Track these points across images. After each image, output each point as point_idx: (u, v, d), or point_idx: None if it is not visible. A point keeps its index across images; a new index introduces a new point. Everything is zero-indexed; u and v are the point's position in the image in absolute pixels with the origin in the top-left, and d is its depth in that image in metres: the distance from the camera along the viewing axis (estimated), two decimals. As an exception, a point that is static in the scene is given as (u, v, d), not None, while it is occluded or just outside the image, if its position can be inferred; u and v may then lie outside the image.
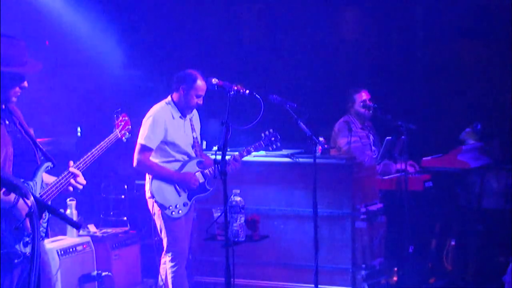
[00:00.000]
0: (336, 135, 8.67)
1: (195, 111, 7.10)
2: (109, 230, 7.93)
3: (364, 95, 8.65)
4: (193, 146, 7.08)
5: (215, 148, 7.28)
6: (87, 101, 9.07)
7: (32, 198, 3.18)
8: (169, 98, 6.98)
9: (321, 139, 7.13)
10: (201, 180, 6.97)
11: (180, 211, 6.87)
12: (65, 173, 4.75)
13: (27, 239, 4.55)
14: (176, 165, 6.93)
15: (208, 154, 7.29)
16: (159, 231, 6.99)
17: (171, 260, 6.92)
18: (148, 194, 6.92)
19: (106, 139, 5.17)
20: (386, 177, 8.31)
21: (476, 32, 9.43)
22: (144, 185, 7.05)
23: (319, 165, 6.72)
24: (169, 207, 6.82)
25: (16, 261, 4.53)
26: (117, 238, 7.80)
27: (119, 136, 5.29)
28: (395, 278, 8.07)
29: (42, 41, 9.94)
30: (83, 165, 4.84)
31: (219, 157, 5.66)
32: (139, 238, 8.17)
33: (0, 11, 8.45)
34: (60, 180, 4.74)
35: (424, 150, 8.63)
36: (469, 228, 8.22)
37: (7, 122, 4.63)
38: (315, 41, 10.08)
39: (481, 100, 9.40)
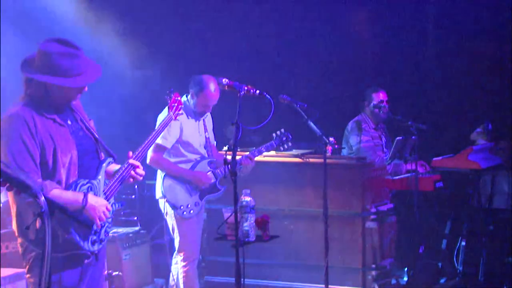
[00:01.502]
0: (348, 134, 8.67)
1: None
2: (120, 230, 7.95)
3: (381, 95, 8.65)
4: (205, 146, 7.09)
5: (225, 148, 7.29)
6: (96, 103, 9.09)
7: (43, 198, 3.19)
8: (184, 97, 6.98)
9: (331, 139, 7.12)
10: (213, 180, 6.98)
11: (191, 211, 6.88)
12: (125, 165, 4.86)
13: (94, 237, 4.67)
14: (188, 165, 6.94)
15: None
16: (171, 231, 7.00)
17: (183, 260, 6.93)
18: (159, 194, 6.93)
19: (162, 122, 5.31)
20: (397, 177, 8.30)
21: (487, 33, 9.41)
22: (154, 185, 7.06)
23: (329, 165, 6.72)
24: (180, 207, 6.83)
25: (86, 261, 4.67)
26: (128, 238, 7.82)
27: (173, 118, 5.47)
28: (405, 279, 8.06)
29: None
30: (141, 154, 4.95)
31: (229, 157, 5.66)
32: (149, 238, 8.18)
33: (0, 11, 8.50)
34: (121, 173, 4.85)
35: (435, 150, 8.60)
36: (479, 228, 8.20)
37: (69, 122, 4.70)
38: (326, 41, 10.08)
39: (492, 100, 9.38)
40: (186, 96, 6.98)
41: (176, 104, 5.60)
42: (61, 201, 4.32)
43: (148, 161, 6.82)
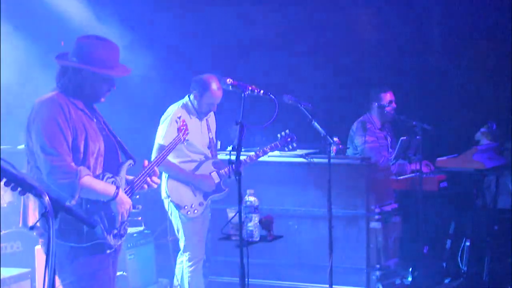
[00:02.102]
0: (353, 135, 8.67)
1: (211, 112, 7.12)
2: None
3: (389, 96, 8.64)
4: (209, 147, 7.10)
5: (229, 148, 7.29)
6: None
7: (47, 198, 3.20)
8: (186, 98, 7.00)
9: (335, 139, 7.12)
10: (217, 180, 6.99)
11: (195, 211, 6.89)
12: (142, 172, 5.00)
13: (115, 231, 4.77)
14: (192, 165, 6.95)
15: (222, 154, 7.31)
16: (176, 231, 7.01)
17: (188, 260, 6.94)
18: (164, 194, 6.95)
19: (172, 140, 5.58)
20: (401, 177, 8.29)
21: (492, 33, 9.40)
22: (159, 185, 7.06)
23: (333, 165, 6.72)
24: (184, 207, 6.84)
25: (108, 251, 4.73)
26: (132, 238, 7.82)
27: (182, 140, 5.74)
28: (409, 279, 8.06)
29: (58, 41, 9.99)
30: (156, 165, 5.11)
31: (233, 157, 5.66)
32: (153, 238, 8.18)
33: (0, 11, 8.53)
34: (139, 179, 5.00)
35: (439, 150, 8.60)
36: (484, 228, 8.19)
37: (94, 120, 4.79)
38: (331, 41, 10.07)
39: (496, 100, 9.37)
40: (189, 97, 6.99)
41: (184, 128, 5.82)
42: (92, 188, 4.55)
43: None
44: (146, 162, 5.04)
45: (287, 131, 7.22)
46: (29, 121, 4.62)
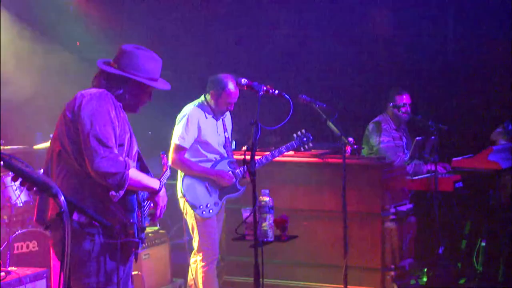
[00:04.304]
0: (369, 134, 8.67)
1: (227, 112, 7.14)
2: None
3: (405, 98, 8.63)
4: (224, 146, 7.11)
5: (244, 148, 7.30)
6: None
7: (62, 197, 3.21)
8: (202, 98, 7.02)
9: (350, 139, 7.12)
10: (232, 180, 7.00)
11: (211, 211, 6.90)
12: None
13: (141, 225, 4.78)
14: (208, 165, 6.97)
15: (237, 154, 7.32)
16: (190, 231, 7.02)
17: (203, 260, 6.95)
18: (179, 194, 6.96)
19: (164, 175, 5.40)
20: (416, 177, 8.28)
21: (509, 32, 9.35)
22: (173, 185, 7.08)
23: (348, 165, 6.71)
24: (199, 207, 6.85)
25: (133, 250, 4.73)
26: (147, 238, 7.83)
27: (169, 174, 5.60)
28: (425, 279, 8.04)
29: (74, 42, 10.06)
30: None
31: (248, 157, 5.66)
32: (168, 238, 8.20)
33: (0, 11, 8.59)
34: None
35: (455, 151, 8.57)
36: (499, 228, 8.16)
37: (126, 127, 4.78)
38: (347, 41, 10.06)
39: (512, 100, 9.34)
40: (205, 97, 7.01)
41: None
42: (138, 180, 4.62)
43: (170, 162, 6.85)
44: (164, 158, 5.07)
45: (303, 130, 7.22)
46: (73, 110, 4.57)
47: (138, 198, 4.74)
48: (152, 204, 4.94)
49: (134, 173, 4.60)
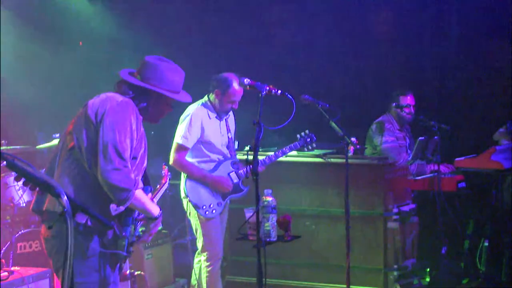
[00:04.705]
0: (372, 134, 8.66)
1: (230, 112, 7.14)
2: (141, 229, 7.95)
3: (409, 99, 8.63)
4: (228, 147, 7.10)
5: (247, 148, 7.30)
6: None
7: (65, 197, 3.21)
8: (205, 98, 7.02)
9: (353, 139, 7.11)
10: (235, 180, 6.99)
11: (214, 211, 6.89)
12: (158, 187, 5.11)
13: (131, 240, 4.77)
14: (211, 165, 6.96)
15: (239, 154, 7.32)
16: (194, 231, 7.02)
17: (207, 260, 6.94)
18: (182, 194, 6.96)
19: (162, 187, 5.47)
20: (419, 177, 8.27)
21: (511, 33, 9.35)
22: (176, 185, 7.08)
23: (351, 165, 6.70)
24: (202, 207, 6.85)
25: (120, 262, 4.74)
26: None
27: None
28: (427, 279, 8.04)
29: (76, 41, 10.06)
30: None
31: (251, 157, 5.66)
32: (171, 238, 8.20)
33: (0, 11, 8.60)
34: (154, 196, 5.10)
35: (457, 151, 8.57)
36: (502, 228, 8.14)
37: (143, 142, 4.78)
38: (349, 41, 10.06)
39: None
40: (208, 97, 7.01)
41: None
42: (142, 202, 4.65)
43: (170, 162, 6.85)
44: (164, 167, 5.04)
45: (306, 131, 7.22)
46: (97, 111, 4.55)
47: (133, 215, 4.75)
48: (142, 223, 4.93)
49: (140, 194, 4.60)
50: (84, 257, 4.54)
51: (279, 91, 5.84)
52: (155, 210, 4.78)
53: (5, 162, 3.24)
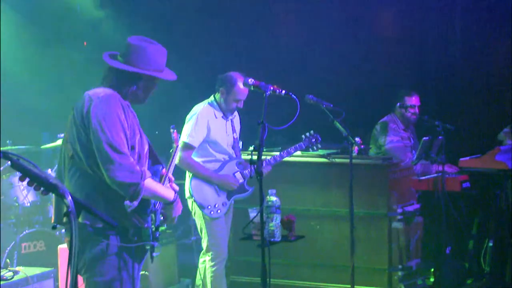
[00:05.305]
0: (377, 134, 8.66)
1: (236, 112, 7.15)
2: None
3: (414, 100, 8.63)
4: (233, 147, 7.11)
5: (251, 148, 7.31)
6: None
7: (70, 197, 3.21)
8: (212, 97, 7.03)
9: (357, 139, 7.11)
10: (241, 180, 7.00)
11: (219, 211, 6.90)
12: (162, 178, 4.94)
13: (156, 232, 4.80)
14: (216, 165, 6.97)
15: (244, 154, 7.33)
16: (199, 231, 7.03)
17: (211, 260, 6.95)
18: (187, 194, 6.97)
19: (175, 153, 5.34)
20: (423, 177, 8.27)
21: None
22: (181, 185, 7.08)
23: (355, 165, 6.71)
24: (207, 207, 6.85)
25: (146, 255, 4.80)
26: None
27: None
28: (432, 279, 8.03)
29: (81, 42, 10.08)
30: (170, 172, 5.04)
31: (255, 157, 5.67)
32: (175, 238, 8.20)
33: (0, 11, 8.61)
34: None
35: (462, 151, 8.56)
36: (507, 228, 8.14)
37: (136, 128, 4.75)
38: (353, 41, 10.06)
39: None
40: (214, 96, 7.02)
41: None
42: (154, 191, 4.60)
43: (176, 161, 6.85)
44: (164, 170, 4.99)
45: (311, 132, 7.22)
46: (82, 114, 4.52)
47: (150, 206, 4.72)
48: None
49: (149, 184, 4.56)
50: (103, 256, 4.54)
51: (283, 91, 5.83)
52: (170, 194, 4.74)
53: (10, 162, 3.25)
